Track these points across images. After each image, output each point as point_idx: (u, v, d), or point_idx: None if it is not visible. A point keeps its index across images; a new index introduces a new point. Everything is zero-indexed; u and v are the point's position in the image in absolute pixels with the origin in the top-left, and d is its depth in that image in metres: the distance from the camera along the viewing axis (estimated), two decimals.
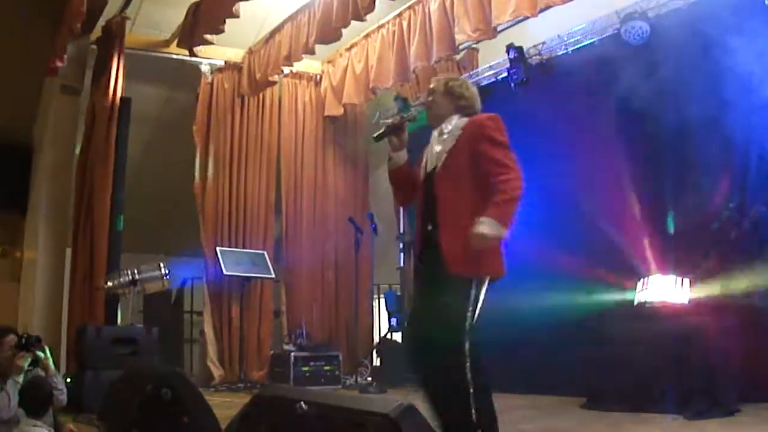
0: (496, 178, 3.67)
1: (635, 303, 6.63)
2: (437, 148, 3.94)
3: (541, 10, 6.97)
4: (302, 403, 2.76)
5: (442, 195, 3.82)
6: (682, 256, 6.60)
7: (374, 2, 7.57)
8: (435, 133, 4.01)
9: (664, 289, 6.47)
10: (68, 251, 8.69)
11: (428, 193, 3.91)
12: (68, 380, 6.34)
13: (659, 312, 6.29)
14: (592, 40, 7.86)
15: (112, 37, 8.87)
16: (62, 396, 4.94)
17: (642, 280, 6.67)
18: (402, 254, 9.70)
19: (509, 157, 3.77)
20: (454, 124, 3.95)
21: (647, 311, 6.40)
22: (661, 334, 5.91)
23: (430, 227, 3.86)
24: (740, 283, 6.03)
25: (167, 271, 7.55)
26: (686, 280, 6.37)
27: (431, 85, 4.12)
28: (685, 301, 6.31)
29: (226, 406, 5.71)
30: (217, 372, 9.08)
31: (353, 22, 8.06)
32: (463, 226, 3.61)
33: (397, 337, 9.65)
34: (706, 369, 5.53)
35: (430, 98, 4.08)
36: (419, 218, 4.00)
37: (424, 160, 4.04)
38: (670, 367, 5.68)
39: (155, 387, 3.66)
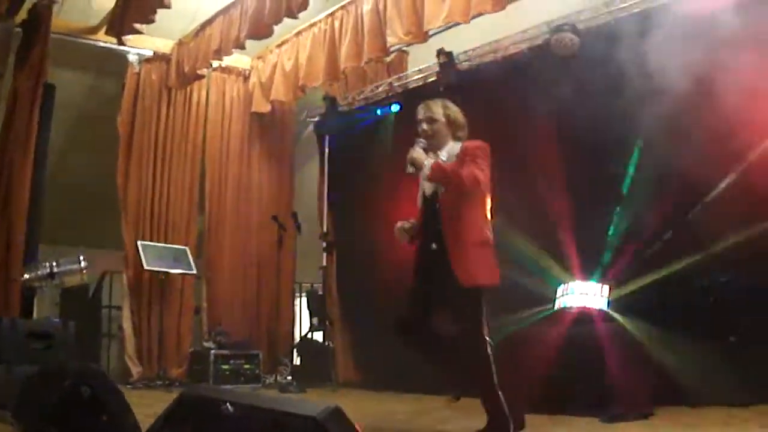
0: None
1: (555, 308, 6.76)
2: None
3: (474, 17, 7.05)
4: (228, 404, 2.74)
5: (447, 216, 4.32)
6: (604, 264, 6.75)
7: (308, 0, 7.54)
8: (428, 161, 4.38)
9: (584, 294, 6.62)
10: None
11: (430, 214, 4.42)
12: None
13: (578, 316, 6.42)
14: (521, 49, 7.97)
15: (38, 21, 8.59)
16: None
17: (563, 285, 6.81)
18: (325, 254, 9.69)
19: (484, 174, 4.29)
20: (450, 148, 4.47)
21: (566, 315, 6.53)
22: (578, 339, 6.02)
23: (434, 246, 4.34)
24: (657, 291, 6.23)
25: (86, 264, 7.38)
26: (606, 287, 6.53)
27: (430, 114, 4.57)
28: (604, 307, 6.46)
29: (144, 404, 5.59)
30: (134, 368, 8.90)
31: (286, 20, 8.01)
32: (470, 242, 4.25)
33: (318, 336, 9.65)
34: (622, 373, 5.65)
35: (433, 126, 4.52)
36: (421, 237, 4.47)
37: (420, 188, 4.54)
38: (586, 370, 5.80)
39: (74, 384, 3.58)
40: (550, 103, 7.19)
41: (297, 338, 10.16)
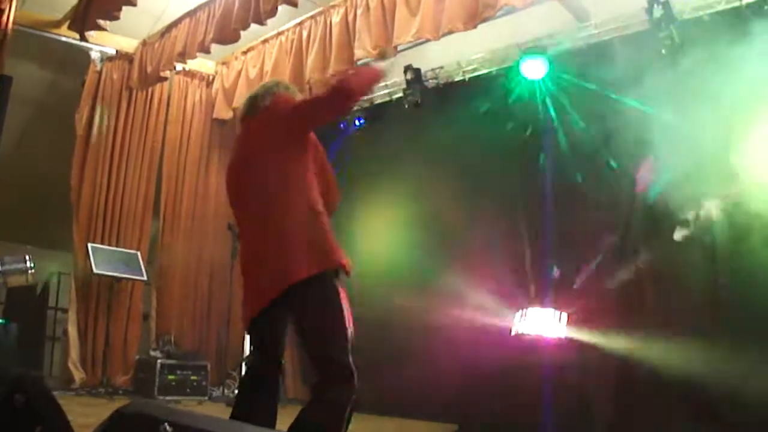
0: None
1: (512, 333, 6.70)
2: None
3: (444, 35, 6.98)
4: (167, 424, 2.57)
5: None
6: (562, 291, 6.71)
7: (276, 8, 7.41)
8: None
9: (541, 321, 6.57)
10: None
11: None
12: None
13: (535, 343, 6.36)
14: (489, 70, 7.95)
15: None
16: None
17: (520, 311, 6.76)
18: None
19: None
20: None
21: (523, 342, 6.47)
22: (535, 365, 5.97)
23: None
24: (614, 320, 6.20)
25: (33, 265, 7.14)
26: (564, 315, 6.48)
27: None
28: (562, 335, 6.41)
29: (84, 413, 5.41)
30: (78, 375, 8.59)
31: (253, 27, 7.87)
32: None
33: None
34: (578, 401, 5.61)
35: None
36: None
37: None
38: (542, 397, 5.74)
39: (7, 391, 3.40)
40: (517, 124, 7.19)
41: (247, 351, 9.95)
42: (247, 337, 10.19)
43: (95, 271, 8.53)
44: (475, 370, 6.49)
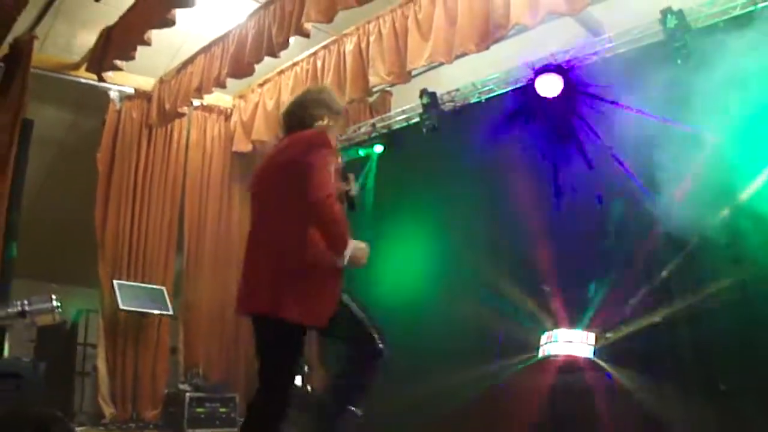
0: None
1: (539, 356, 6.62)
2: None
3: (457, 57, 7.01)
4: None
5: None
6: (592, 311, 6.63)
7: (288, 40, 7.48)
8: None
9: (569, 342, 6.48)
10: None
11: None
12: None
13: (563, 365, 6.29)
14: (505, 90, 7.95)
15: (19, 56, 8.53)
16: None
17: (547, 332, 6.68)
18: None
19: None
20: None
21: (551, 364, 6.40)
22: (564, 388, 5.90)
23: None
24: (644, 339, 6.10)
25: (59, 304, 7.23)
26: (592, 335, 6.40)
27: None
28: (590, 356, 6.32)
29: None
30: (108, 410, 8.65)
31: (268, 59, 7.96)
32: None
33: (296, 380, 9.44)
34: (608, 424, 5.53)
35: None
36: None
37: None
38: (571, 421, 5.67)
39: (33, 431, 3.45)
40: (535, 145, 7.16)
41: None
42: None
43: (121, 307, 8.62)
44: (500, 392, 6.43)
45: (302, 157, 3.77)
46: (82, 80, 9.24)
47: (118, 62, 8.37)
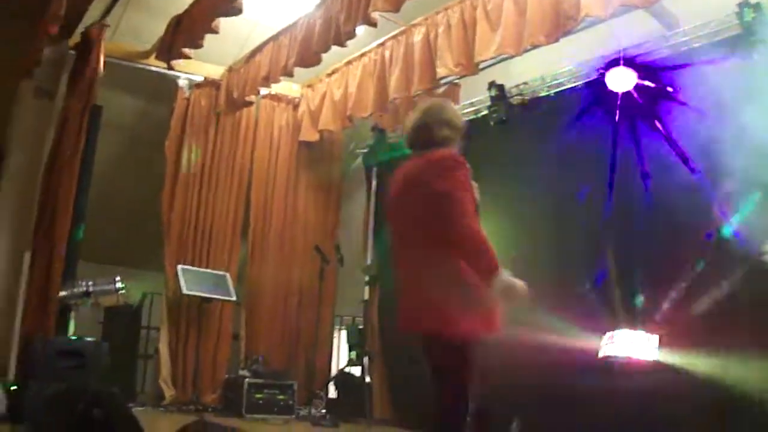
0: None
1: (599, 356, 6.46)
2: None
3: (525, 50, 6.90)
4: None
5: None
6: (654, 312, 6.45)
7: (355, 30, 7.45)
8: None
9: (631, 344, 6.31)
10: (26, 256, 8.43)
11: None
12: (11, 388, 6.17)
13: (624, 367, 6.12)
14: (575, 84, 7.79)
15: (91, 44, 8.71)
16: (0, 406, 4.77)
17: (608, 333, 6.51)
18: (367, 287, 9.52)
19: None
20: None
21: (612, 366, 6.24)
22: (625, 391, 5.75)
23: None
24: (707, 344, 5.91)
25: (123, 286, 7.36)
26: (655, 337, 6.21)
27: None
28: (654, 358, 6.15)
29: (171, 429, 5.49)
30: (168, 392, 8.82)
31: (336, 49, 7.95)
32: None
33: (356, 370, 9.45)
34: (671, 428, 5.38)
35: None
36: None
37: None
38: (634, 424, 5.53)
39: (87, 406, 3.49)
40: (604, 140, 7.00)
41: (334, 371, 9.98)
42: (336, 357, 10.27)
43: (184, 291, 8.74)
44: (558, 392, 6.30)
45: (439, 184, 3.73)
46: (152, 68, 9.38)
47: (186, 50, 8.48)
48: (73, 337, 7.22)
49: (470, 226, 3.62)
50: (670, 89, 6.74)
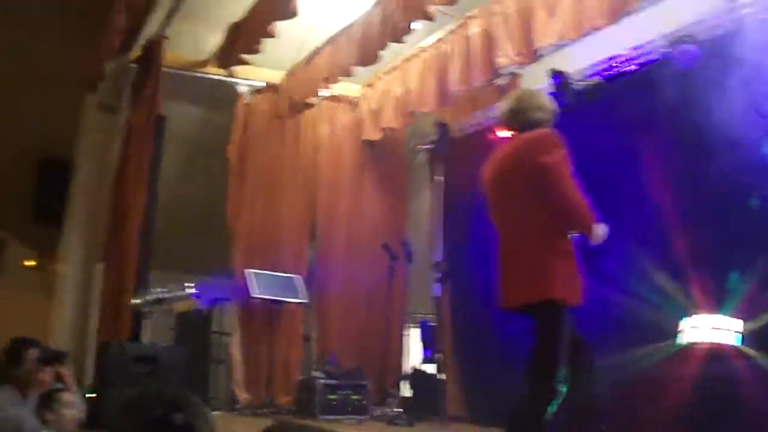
0: None
1: (679, 343, 6.28)
2: None
3: (585, 33, 6.78)
4: None
5: None
6: (735, 295, 6.24)
7: (409, 25, 7.40)
8: None
9: (714, 329, 6.11)
10: (99, 267, 8.63)
11: None
12: (89, 396, 6.27)
13: (708, 353, 5.93)
14: (637, 66, 7.62)
15: (151, 57, 8.88)
16: (80, 413, 4.83)
17: (688, 318, 6.32)
18: (438, 284, 9.44)
19: None
20: None
21: (694, 352, 6.05)
22: (711, 379, 5.56)
23: None
24: None
25: (194, 291, 7.43)
26: (738, 321, 6.00)
27: None
28: (737, 343, 5.94)
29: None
30: (242, 395, 8.92)
31: (393, 46, 7.93)
32: None
33: (430, 368, 9.39)
34: (759, 415, 5.19)
35: None
36: None
37: None
38: (717, 413, 5.35)
39: (166, 410, 3.49)
40: (673, 122, 6.82)
41: (408, 370, 9.94)
42: (409, 356, 10.22)
43: (254, 295, 8.82)
44: (638, 381, 6.14)
45: (545, 158, 4.15)
46: (212, 76, 9.49)
47: (245, 56, 8.55)
48: (148, 344, 7.33)
49: (575, 195, 4.08)
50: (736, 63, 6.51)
